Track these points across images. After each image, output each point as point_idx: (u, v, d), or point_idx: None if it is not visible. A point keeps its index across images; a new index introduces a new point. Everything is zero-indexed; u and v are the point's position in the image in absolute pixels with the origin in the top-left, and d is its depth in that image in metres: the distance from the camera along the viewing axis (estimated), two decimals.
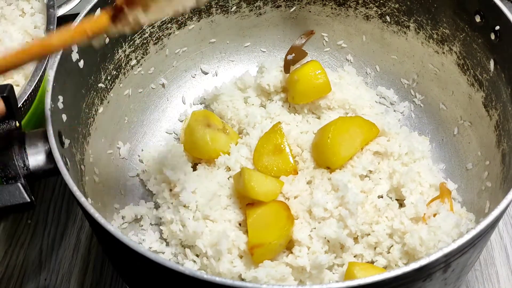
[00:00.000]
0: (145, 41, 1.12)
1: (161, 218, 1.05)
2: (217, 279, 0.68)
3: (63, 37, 0.74)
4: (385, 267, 0.98)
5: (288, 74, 1.16)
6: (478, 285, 1.07)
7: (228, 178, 1.05)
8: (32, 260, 1.12)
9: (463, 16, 1.03)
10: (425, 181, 1.03)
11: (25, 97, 1.02)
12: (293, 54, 1.19)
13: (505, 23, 0.94)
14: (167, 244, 1.04)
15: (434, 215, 0.97)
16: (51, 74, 0.88)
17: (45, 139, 0.84)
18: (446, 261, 0.74)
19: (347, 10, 1.19)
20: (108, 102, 1.07)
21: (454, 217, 0.95)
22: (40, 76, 1.04)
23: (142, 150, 1.14)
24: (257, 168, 1.04)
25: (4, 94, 0.83)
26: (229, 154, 1.08)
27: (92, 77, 1.01)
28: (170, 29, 1.15)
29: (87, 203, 0.77)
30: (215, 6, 1.17)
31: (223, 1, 1.17)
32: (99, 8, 0.98)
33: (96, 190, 1.00)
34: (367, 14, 1.18)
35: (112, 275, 1.10)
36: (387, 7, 1.15)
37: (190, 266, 0.97)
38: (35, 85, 1.03)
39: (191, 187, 1.01)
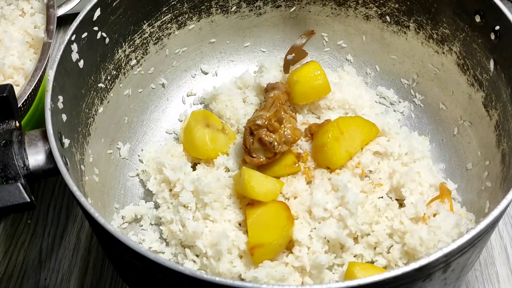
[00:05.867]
0: (145, 41, 1.12)
1: (161, 218, 1.05)
2: (217, 279, 0.68)
3: None
4: (385, 267, 0.98)
5: (288, 74, 1.16)
6: (478, 285, 1.07)
7: (229, 177, 1.05)
8: (32, 260, 1.12)
9: (463, 16, 1.03)
10: (425, 181, 1.03)
11: (25, 97, 1.02)
12: (293, 54, 1.19)
13: (505, 23, 0.94)
14: (167, 244, 1.04)
15: (434, 215, 0.97)
16: (51, 74, 0.88)
17: (45, 139, 0.84)
18: (446, 261, 0.74)
19: (347, 10, 1.19)
20: (108, 102, 1.07)
21: (454, 217, 0.95)
22: (40, 76, 1.04)
23: (142, 150, 1.14)
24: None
25: (4, 94, 0.83)
26: (227, 154, 1.08)
27: (92, 77, 1.01)
28: (170, 29, 1.15)
29: (87, 203, 0.77)
30: (215, 6, 1.17)
31: (223, 1, 1.17)
32: (99, 8, 0.99)
33: (96, 190, 1.00)
34: (367, 14, 1.18)
35: (112, 275, 1.10)
36: (387, 7, 1.15)
37: (190, 266, 0.97)
38: (35, 85, 1.03)
39: (191, 187, 1.01)
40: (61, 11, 1.21)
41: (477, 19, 1.00)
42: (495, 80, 0.99)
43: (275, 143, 0.99)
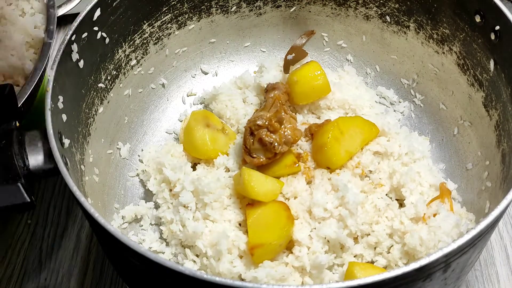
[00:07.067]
0: (145, 41, 1.12)
1: (161, 218, 1.05)
2: (217, 279, 0.68)
3: None
4: (385, 267, 0.98)
5: (288, 74, 1.16)
6: (478, 285, 1.07)
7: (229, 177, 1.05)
8: (32, 260, 1.12)
9: (463, 16, 1.03)
10: (425, 181, 1.03)
11: (25, 97, 1.01)
12: (293, 54, 1.19)
13: (505, 23, 0.94)
14: (167, 244, 1.04)
15: (434, 215, 0.97)
16: (51, 74, 0.88)
17: (45, 139, 0.84)
18: (446, 261, 0.74)
19: (347, 10, 1.19)
20: (108, 102, 1.07)
21: (454, 217, 0.95)
22: (40, 76, 1.04)
23: (142, 150, 1.14)
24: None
25: (4, 94, 0.83)
26: (227, 154, 1.08)
27: (92, 77, 1.01)
28: (170, 29, 1.15)
29: (87, 203, 0.77)
30: (215, 6, 1.18)
31: (223, 1, 1.17)
32: (99, 8, 0.99)
33: (96, 190, 1.00)
34: (367, 14, 1.18)
35: (112, 275, 1.10)
36: (387, 7, 1.15)
37: (190, 266, 0.97)
38: (35, 85, 1.03)
39: (191, 187, 1.01)
40: (61, 11, 1.21)
41: (477, 19, 1.00)
42: (495, 80, 0.99)
43: (275, 144, 0.99)
